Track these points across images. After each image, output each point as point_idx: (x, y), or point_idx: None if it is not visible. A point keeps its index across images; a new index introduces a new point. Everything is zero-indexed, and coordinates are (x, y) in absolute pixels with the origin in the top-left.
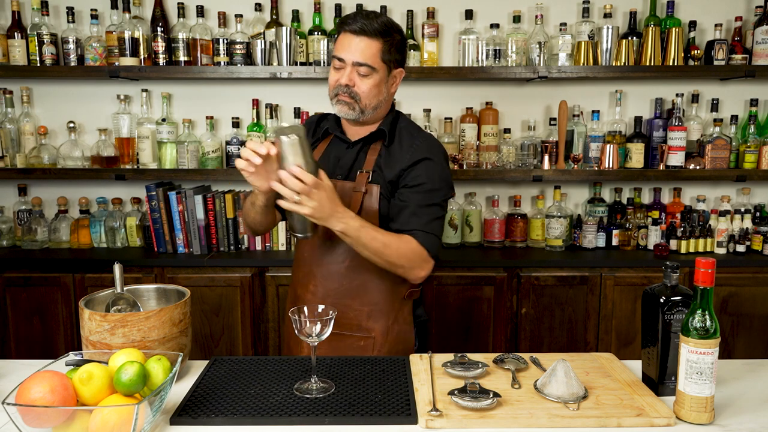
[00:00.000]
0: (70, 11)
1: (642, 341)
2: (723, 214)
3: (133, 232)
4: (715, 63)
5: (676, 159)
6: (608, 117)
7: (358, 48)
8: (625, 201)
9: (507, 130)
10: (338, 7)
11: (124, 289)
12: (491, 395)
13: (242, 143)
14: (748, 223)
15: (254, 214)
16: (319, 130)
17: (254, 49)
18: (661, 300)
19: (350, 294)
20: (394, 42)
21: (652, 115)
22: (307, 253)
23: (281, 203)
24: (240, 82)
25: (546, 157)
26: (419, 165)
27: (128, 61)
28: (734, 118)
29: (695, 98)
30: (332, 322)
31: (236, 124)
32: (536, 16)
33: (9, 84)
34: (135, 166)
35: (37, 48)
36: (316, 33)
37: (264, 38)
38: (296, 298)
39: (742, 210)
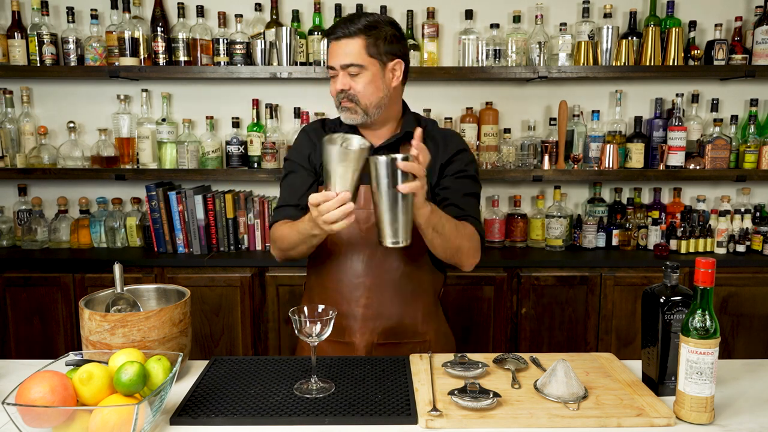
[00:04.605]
0: (70, 11)
1: (642, 341)
2: (723, 214)
3: (133, 232)
4: (715, 63)
5: (676, 159)
6: (608, 117)
7: (342, 51)
8: (625, 201)
9: (507, 130)
10: (338, 7)
11: (124, 289)
12: (491, 395)
13: (242, 143)
14: (748, 223)
15: (306, 248)
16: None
17: (254, 49)
18: (661, 300)
19: (406, 301)
20: (381, 35)
21: (652, 115)
22: (350, 268)
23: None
24: (240, 82)
25: (546, 157)
26: (459, 156)
27: (128, 61)
28: (734, 118)
29: (695, 98)
30: (332, 322)
31: (236, 124)
32: (536, 16)
33: (9, 84)
34: (135, 166)
35: (37, 48)
36: (316, 33)
37: (264, 38)
38: (343, 315)
39: (742, 210)
